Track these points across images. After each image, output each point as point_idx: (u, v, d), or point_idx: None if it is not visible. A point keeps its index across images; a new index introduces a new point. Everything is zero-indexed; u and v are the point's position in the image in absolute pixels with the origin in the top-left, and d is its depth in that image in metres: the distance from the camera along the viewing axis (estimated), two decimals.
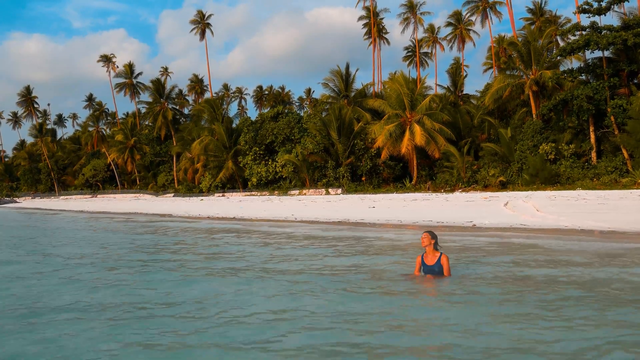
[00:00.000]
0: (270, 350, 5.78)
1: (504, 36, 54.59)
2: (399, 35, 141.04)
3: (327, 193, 42.30)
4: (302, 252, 12.65)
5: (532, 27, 47.24)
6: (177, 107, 72.08)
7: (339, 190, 42.42)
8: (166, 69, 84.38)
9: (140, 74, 76.06)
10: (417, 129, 40.23)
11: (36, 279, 10.48)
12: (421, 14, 59.47)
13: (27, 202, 72.26)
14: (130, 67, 74.04)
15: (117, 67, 77.95)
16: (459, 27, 58.50)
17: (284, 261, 11.49)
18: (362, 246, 13.40)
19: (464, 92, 53.35)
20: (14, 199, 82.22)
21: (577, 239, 12.77)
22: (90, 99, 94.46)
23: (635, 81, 36.42)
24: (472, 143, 42.13)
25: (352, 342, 5.92)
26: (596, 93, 33.39)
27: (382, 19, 62.61)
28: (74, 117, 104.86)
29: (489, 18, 54.42)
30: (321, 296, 8.07)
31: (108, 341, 6.19)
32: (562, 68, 39.54)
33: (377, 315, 7.01)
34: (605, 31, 33.55)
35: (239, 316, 7.09)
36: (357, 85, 51.24)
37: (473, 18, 56.96)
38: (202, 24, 69.74)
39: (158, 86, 66.66)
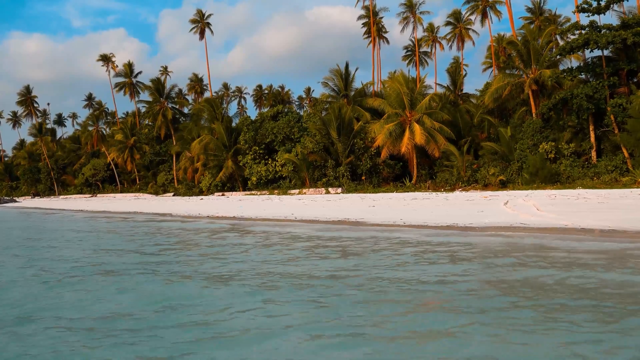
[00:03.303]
0: (270, 350, 5.78)
1: (504, 35, 54.54)
2: (398, 34, 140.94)
3: (327, 192, 42.28)
4: (302, 252, 12.66)
5: (532, 26, 47.18)
6: (177, 107, 71.97)
7: (339, 190, 42.40)
8: (166, 68, 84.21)
9: (139, 73, 75.86)
10: (417, 128, 40.22)
11: (34, 282, 10.46)
12: (420, 13, 59.33)
13: (27, 202, 72.24)
14: (129, 66, 73.86)
15: (117, 66, 77.76)
16: (459, 26, 58.41)
17: (283, 260, 11.49)
18: (362, 246, 13.41)
19: (464, 91, 53.31)
20: (14, 198, 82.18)
21: (578, 237, 12.77)
22: (90, 98, 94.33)
23: (635, 80, 36.39)
24: (472, 142, 42.13)
25: (351, 349, 5.92)
26: (596, 92, 33.37)
27: (381, 18, 62.49)
28: (74, 116, 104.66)
29: (489, 17, 54.37)
30: (321, 296, 8.07)
31: (105, 344, 6.18)
32: (561, 67, 39.52)
33: (377, 318, 7.01)
34: (604, 30, 33.54)
35: (239, 316, 7.09)
36: (357, 84, 51.20)
37: (473, 17, 56.88)
38: (201, 23, 69.65)
39: (158, 85, 66.52)
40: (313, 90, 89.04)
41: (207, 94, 77.35)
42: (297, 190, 45.13)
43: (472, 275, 9.11)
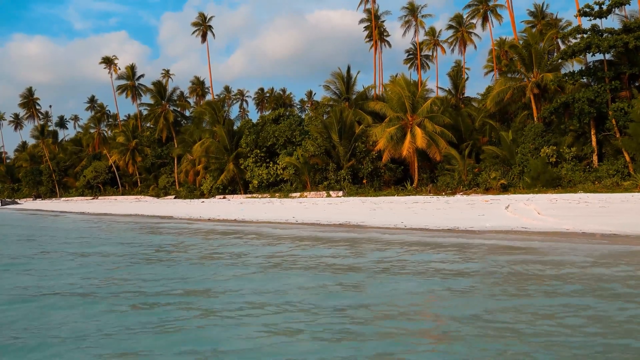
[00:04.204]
0: (268, 350, 5.79)
1: (505, 39, 54.57)
2: (400, 37, 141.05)
3: (328, 196, 42.25)
4: (303, 254, 12.65)
5: (534, 30, 47.20)
6: (179, 109, 72.02)
7: (340, 193, 42.36)
8: (167, 71, 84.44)
9: (141, 76, 75.84)
10: (419, 131, 40.20)
11: (40, 277, 10.50)
12: (422, 16, 59.40)
13: (28, 204, 72.32)
14: (131, 69, 74.00)
15: (119, 69, 77.90)
16: (460, 30, 58.44)
17: (284, 262, 11.49)
18: (362, 247, 13.40)
19: (465, 95, 53.30)
20: (15, 200, 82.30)
21: (579, 241, 12.75)
22: (92, 100, 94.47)
23: (637, 84, 36.32)
24: (474, 146, 42.08)
25: (351, 333, 5.93)
26: (597, 96, 33.32)
27: (383, 21, 62.56)
28: (76, 118, 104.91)
29: (490, 21, 54.43)
30: (320, 297, 8.07)
31: (111, 340, 6.21)
32: (563, 71, 39.45)
33: (378, 308, 7.01)
34: (606, 34, 33.53)
35: (238, 316, 7.10)
36: (358, 87, 51.32)
37: (474, 21, 56.93)
38: (203, 26, 69.80)
39: (159, 88, 66.55)
40: (314, 94, 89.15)
41: (208, 97, 77.52)
42: (298, 194, 45.11)
43: (471, 273, 9.11)
